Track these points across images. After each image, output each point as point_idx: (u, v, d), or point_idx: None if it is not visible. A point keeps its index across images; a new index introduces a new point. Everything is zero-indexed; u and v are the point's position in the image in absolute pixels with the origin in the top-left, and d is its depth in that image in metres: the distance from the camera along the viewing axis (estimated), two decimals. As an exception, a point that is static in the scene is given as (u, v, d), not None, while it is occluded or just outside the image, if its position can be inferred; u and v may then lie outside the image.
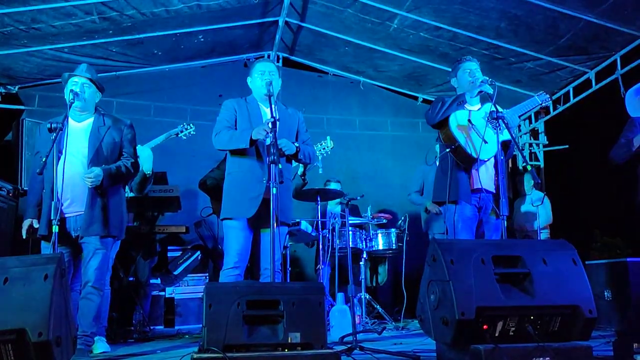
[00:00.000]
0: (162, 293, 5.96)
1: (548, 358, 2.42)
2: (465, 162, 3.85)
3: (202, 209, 6.00)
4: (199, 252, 6.11)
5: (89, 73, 3.72)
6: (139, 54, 6.67)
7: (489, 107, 3.87)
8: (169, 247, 6.15)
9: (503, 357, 2.40)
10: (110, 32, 5.97)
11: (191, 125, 5.47)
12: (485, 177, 3.86)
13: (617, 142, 4.39)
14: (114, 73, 6.82)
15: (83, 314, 3.49)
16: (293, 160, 3.83)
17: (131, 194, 4.82)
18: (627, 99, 4.58)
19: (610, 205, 6.45)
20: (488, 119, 3.79)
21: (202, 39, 6.68)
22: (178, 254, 6.08)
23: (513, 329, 2.54)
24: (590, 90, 6.61)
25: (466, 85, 3.99)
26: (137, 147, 3.93)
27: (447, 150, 3.85)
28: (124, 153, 3.74)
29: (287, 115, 3.79)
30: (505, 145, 3.93)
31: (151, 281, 5.55)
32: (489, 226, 3.93)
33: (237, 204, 3.59)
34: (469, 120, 3.86)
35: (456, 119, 3.89)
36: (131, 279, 5.14)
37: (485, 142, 3.78)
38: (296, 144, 3.66)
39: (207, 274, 6.17)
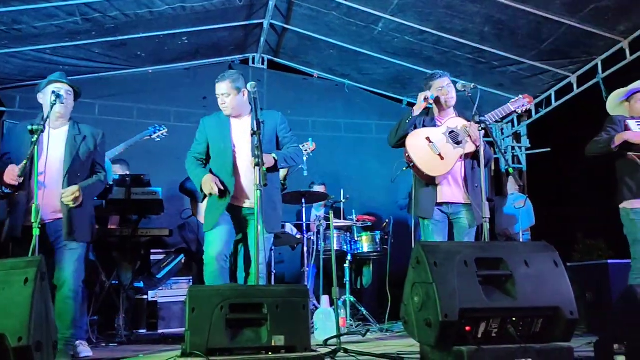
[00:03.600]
0: (145, 296, 5.90)
1: (530, 359, 2.44)
2: (425, 179, 3.91)
3: (182, 211, 5.98)
4: (182, 255, 6.06)
5: (67, 80, 3.72)
6: (122, 56, 6.62)
7: (452, 122, 3.93)
8: (152, 250, 6.09)
9: (486, 358, 2.41)
10: (93, 33, 5.92)
11: (163, 126, 5.47)
12: (449, 191, 3.90)
13: (598, 135, 4.35)
14: (97, 75, 6.75)
15: (60, 317, 3.46)
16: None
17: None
18: (612, 96, 4.52)
19: (593, 207, 6.52)
20: (448, 133, 3.85)
21: (186, 41, 6.65)
22: (161, 257, 6.03)
23: (496, 330, 2.55)
24: (571, 94, 6.69)
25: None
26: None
27: (404, 168, 3.92)
28: (97, 165, 3.78)
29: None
30: (474, 155, 3.93)
31: (134, 284, 5.50)
32: (461, 230, 3.93)
33: (212, 217, 3.70)
34: (427, 138, 3.88)
35: (413, 138, 3.92)
36: (114, 282, 5.08)
37: (442, 158, 3.82)
38: (273, 155, 3.68)
39: (191, 277, 6.12)
